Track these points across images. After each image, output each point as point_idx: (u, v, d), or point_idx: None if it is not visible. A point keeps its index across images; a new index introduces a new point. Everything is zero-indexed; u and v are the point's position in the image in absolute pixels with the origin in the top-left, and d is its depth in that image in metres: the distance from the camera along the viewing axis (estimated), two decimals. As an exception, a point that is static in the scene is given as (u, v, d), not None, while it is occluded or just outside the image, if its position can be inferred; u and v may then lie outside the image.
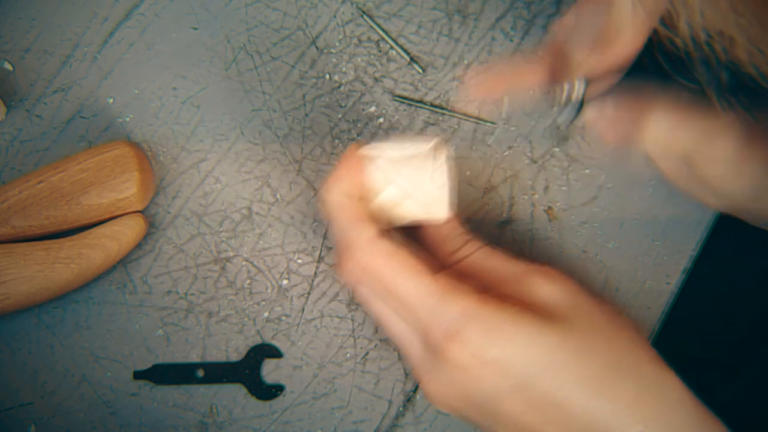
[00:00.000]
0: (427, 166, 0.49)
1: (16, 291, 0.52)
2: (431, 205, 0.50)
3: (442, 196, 0.49)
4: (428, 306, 0.45)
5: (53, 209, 0.53)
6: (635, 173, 0.57)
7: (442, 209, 0.50)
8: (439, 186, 0.49)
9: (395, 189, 0.49)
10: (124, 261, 0.56)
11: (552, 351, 0.43)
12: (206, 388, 0.55)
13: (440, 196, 0.49)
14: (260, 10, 0.59)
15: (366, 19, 0.59)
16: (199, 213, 0.57)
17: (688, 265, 0.56)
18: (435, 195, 0.49)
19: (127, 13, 0.59)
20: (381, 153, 0.50)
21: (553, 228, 0.56)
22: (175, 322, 0.55)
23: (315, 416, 0.55)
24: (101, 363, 0.55)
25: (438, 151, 0.50)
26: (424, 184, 0.49)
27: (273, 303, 0.56)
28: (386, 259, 0.46)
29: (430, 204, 0.50)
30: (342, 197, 0.48)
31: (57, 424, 0.54)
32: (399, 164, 0.49)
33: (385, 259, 0.46)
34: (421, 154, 0.49)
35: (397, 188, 0.49)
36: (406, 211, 0.50)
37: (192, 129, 0.58)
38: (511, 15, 0.59)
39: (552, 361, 0.43)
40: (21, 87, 0.58)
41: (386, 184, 0.49)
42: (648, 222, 0.56)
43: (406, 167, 0.49)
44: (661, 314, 0.55)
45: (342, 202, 0.48)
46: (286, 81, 0.58)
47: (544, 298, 0.46)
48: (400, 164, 0.49)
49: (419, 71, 0.58)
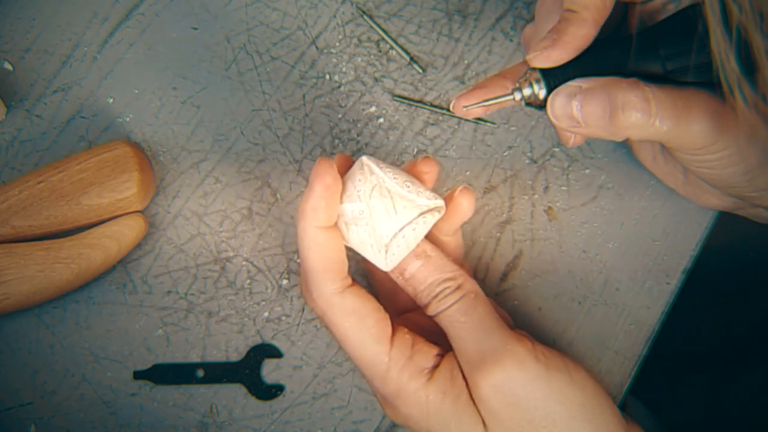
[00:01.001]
0: (413, 218, 0.46)
1: (16, 291, 0.52)
2: (380, 252, 0.46)
3: (399, 253, 0.46)
4: (374, 372, 0.47)
5: (53, 209, 0.53)
6: (635, 173, 0.57)
7: (386, 263, 0.47)
8: (406, 243, 0.46)
9: (362, 208, 0.46)
10: (124, 261, 0.56)
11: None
12: (206, 388, 0.55)
13: (397, 253, 0.46)
14: (260, 10, 0.59)
15: (366, 19, 0.59)
16: (199, 213, 0.57)
17: (688, 265, 0.56)
18: (395, 247, 0.46)
19: (127, 13, 0.59)
20: (377, 179, 0.46)
21: (553, 228, 0.56)
22: (175, 322, 0.55)
23: (315, 416, 0.55)
24: (101, 363, 0.55)
25: (431, 214, 0.47)
26: (391, 230, 0.46)
27: (273, 303, 0.56)
28: (343, 319, 0.46)
29: (379, 249, 0.46)
30: (314, 231, 0.45)
31: (57, 424, 0.54)
32: (387, 196, 0.46)
33: (343, 318, 0.46)
34: (416, 205, 0.46)
35: (365, 210, 0.46)
36: (354, 235, 0.46)
37: (192, 129, 0.58)
38: (511, 15, 0.59)
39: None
40: (21, 87, 0.58)
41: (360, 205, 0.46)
42: (648, 222, 0.56)
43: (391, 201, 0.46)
44: (661, 314, 0.55)
45: (313, 236, 0.45)
46: (286, 81, 0.58)
47: (483, 396, 0.46)
48: (388, 196, 0.46)
49: (419, 71, 0.58)
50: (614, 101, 0.43)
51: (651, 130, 0.43)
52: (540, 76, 0.45)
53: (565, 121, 0.44)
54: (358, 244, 0.47)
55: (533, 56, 0.45)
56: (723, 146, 0.44)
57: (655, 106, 0.43)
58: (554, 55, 0.44)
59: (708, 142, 0.44)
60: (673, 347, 0.55)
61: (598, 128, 0.44)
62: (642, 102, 0.43)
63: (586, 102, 0.43)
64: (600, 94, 0.43)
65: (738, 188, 0.48)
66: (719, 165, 0.46)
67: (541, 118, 0.57)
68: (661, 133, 0.44)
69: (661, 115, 0.43)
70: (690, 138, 0.44)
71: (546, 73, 0.45)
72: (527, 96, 0.45)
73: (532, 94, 0.45)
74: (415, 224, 0.46)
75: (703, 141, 0.44)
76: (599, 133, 0.44)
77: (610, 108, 0.43)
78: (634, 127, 0.43)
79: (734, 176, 0.47)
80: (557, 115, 0.45)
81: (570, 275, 0.56)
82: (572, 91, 0.44)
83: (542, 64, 0.45)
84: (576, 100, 0.44)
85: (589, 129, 0.44)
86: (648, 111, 0.43)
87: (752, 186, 0.47)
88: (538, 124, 0.57)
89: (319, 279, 0.46)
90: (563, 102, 0.44)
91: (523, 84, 0.45)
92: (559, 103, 0.44)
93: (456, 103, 0.47)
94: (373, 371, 0.47)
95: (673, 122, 0.43)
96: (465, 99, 0.47)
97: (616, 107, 0.43)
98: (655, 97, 0.43)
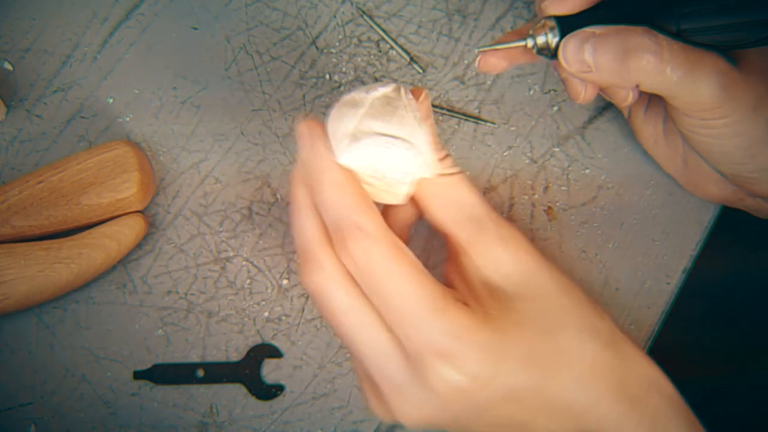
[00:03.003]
0: (401, 110, 0.42)
1: (16, 291, 0.52)
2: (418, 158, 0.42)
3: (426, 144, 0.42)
4: (424, 318, 0.40)
5: (53, 209, 0.53)
6: (635, 173, 0.57)
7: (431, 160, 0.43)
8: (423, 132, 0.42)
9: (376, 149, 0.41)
10: (124, 261, 0.56)
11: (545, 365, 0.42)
12: (206, 388, 0.55)
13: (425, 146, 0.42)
14: (260, 10, 0.59)
15: (366, 19, 0.59)
16: (199, 213, 0.57)
17: (688, 265, 0.56)
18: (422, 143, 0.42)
19: (127, 13, 0.59)
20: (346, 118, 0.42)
21: (553, 228, 0.56)
22: (175, 322, 0.55)
23: (315, 416, 0.55)
24: (101, 363, 0.55)
25: (399, 92, 0.43)
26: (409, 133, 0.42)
27: (273, 303, 0.56)
28: (387, 255, 0.40)
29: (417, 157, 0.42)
30: (333, 167, 0.41)
31: (57, 424, 0.54)
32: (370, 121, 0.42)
33: (387, 254, 0.40)
34: (386, 97, 0.42)
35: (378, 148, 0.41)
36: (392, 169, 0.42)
37: (192, 129, 0.58)
38: (511, 15, 0.59)
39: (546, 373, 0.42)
40: (21, 87, 0.58)
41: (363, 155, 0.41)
42: (648, 222, 0.56)
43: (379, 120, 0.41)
44: (661, 314, 0.55)
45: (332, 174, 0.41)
46: (286, 81, 0.58)
47: (492, 278, 0.43)
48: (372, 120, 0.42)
49: (419, 71, 0.58)
50: (627, 44, 0.43)
51: (661, 77, 0.44)
52: (555, 24, 0.45)
53: (576, 66, 0.44)
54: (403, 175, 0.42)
55: (548, 2, 0.45)
56: (729, 111, 0.45)
57: (667, 52, 0.43)
58: (569, 1, 0.45)
59: (715, 103, 0.44)
60: (673, 347, 0.55)
61: (609, 72, 0.44)
62: (655, 45, 0.43)
63: (598, 45, 0.43)
64: (613, 38, 0.43)
65: (739, 165, 0.48)
66: (723, 134, 0.46)
67: (542, 117, 0.57)
68: (671, 83, 0.44)
69: (672, 63, 0.43)
70: (698, 95, 0.44)
71: (560, 21, 0.45)
72: (540, 44, 0.45)
73: (545, 42, 0.45)
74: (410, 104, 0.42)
75: (711, 101, 0.44)
76: (611, 78, 0.44)
77: (622, 50, 0.43)
78: (645, 72, 0.43)
79: (737, 149, 0.47)
80: (569, 59, 0.44)
81: (570, 275, 0.55)
82: (585, 36, 0.44)
83: (556, 10, 0.45)
84: (589, 44, 0.44)
85: (600, 74, 0.44)
86: (660, 55, 0.43)
87: (754, 163, 0.47)
88: (538, 124, 0.57)
89: (355, 218, 0.40)
90: (576, 46, 0.44)
91: (538, 31, 0.46)
92: (571, 47, 0.44)
93: (479, 59, 0.48)
94: (422, 314, 0.40)
95: (684, 71, 0.43)
96: (483, 51, 0.47)
97: (629, 49, 0.43)
98: (668, 44, 0.43)
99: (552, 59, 0.46)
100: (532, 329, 0.42)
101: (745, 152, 0.47)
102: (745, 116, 0.45)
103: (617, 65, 0.44)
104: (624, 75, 0.44)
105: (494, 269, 0.44)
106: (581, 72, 0.45)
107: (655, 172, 0.56)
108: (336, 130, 0.42)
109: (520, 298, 0.43)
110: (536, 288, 0.44)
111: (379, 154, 0.41)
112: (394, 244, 0.40)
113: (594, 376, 0.43)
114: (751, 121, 0.45)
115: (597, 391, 0.43)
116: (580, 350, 0.43)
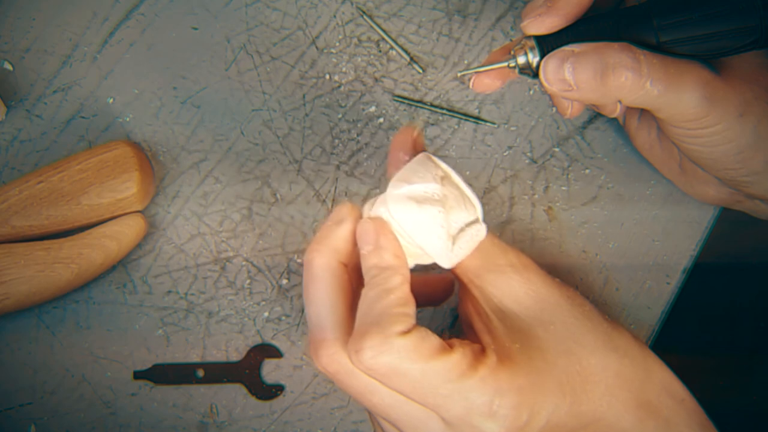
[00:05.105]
0: (479, 218, 0.44)
1: (16, 291, 0.52)
2: (446, 242, 0.43)
3: (465, 248, 0.44)
4: (449, 389, 0.41)
5: (53, 209, 0.53)
6: (635, 173, 0.57)
7: (450, 256, 0.44)
8: (471, 240, 0.44)
9: (436, 190, 0.43)
10: (124, 261, 0.56)
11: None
12: (206, 388, 0.55)
13: (464, 248, 0.44)
14: (260, 10, 0.59)
15: (366, 19, 0.59)
16: (199, 213, 0.57)
17: (688, 265, 0.56)
18: (463, 241, 0.44)
19: (127, 13, 0.59)
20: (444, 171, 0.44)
21: (553, 228, 0.56)
22: (175, 322, 0.55)
23: (315, 416, 0.55)
24: (101, 363, 0.55)
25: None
26: (463, 221, 0.44)
27: (273, 303, 0.56)
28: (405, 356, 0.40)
29: (447, 238, 0.43)
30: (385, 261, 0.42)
31: (57, 424, 0.54)
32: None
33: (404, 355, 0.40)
34: (479, 207, 0.44)
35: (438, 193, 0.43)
36: (420, 216, 0.43)
37: (192, 129, 0.58)
38: (511, 15, 0.59)
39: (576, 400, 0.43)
40: (21, 87, 0.58)
41: None
42: (648, 222, 0.56)
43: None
44: (661, 314, 0.55)
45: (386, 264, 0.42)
46: (286, 81, 0.58)
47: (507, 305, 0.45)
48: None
49: (419, 71, 0.58)
50: (605, 61, 0.43)
51: (642, 92, 0.44)
52: (534, 44, 0.45)
53: (557, 85, 0.45)
54: (420, 229, 0.43)
55: (527, 23, 0.45)
56: (715, 120, 0.45)
57: (646, 67, 0.43)
58: (548, 21, 0.45)
59: (700, 113, 0.44)
60: (673, 347, 0.55)
61: (589, 90, 0.44)
62: (633, 62, 0.43)
63: (578, 64, 0.44)
64: (592, 56, 0.43)
65: (732, 171, 0.48)
66: (711, 142, 0.46)
67: (542, 117, 0.57)
68: (653, 97, 0.44)
69: (652, 77, 0.43)
70: (681, 107, 0.44)
71: (540, 41, 0.45)
72: (521, 64, 0.46)
73: (526, 62, 0.45)
74: (480, 225, 0.44)
75: (695, 111, 0.44)
76: (591, 96, 0.44)
77: (601, 68, 0.43)
78: (625, 88, 0.43)
79: (727, 156, 0.47)
80: (549, 79, 0.45)
81: (570, 275, 0.56)
82: (565, 55, 0.44)
83: (536, 30, 0.45)
84: (568, 63, 0.44)
85: (582, 92, 0.44)
86: (639, 71, 0.43)
87: (746, 168, 0.48)
88: (538, 124, 0.57)
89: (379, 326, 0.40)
90: (556, 65, 0.44)
91: (518, 52, 0.46)
92: (551, 66, 0.44)
93: (473, 80, 0.48)
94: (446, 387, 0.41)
95: (665, 85, 0.43)
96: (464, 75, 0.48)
97: (607, 67, 0.43)
98: (646, 59, 0.43)
99: (534, 78, 0.46)
100: (556, 353, 0.43)
101: (735, 158, 0.47)
102: (732, 123, 0.45)
103: (597, 83, 0.44)
104: (604, 92, 0.44)
105: (507, 296, 0.45)
106: (563, 90, 0.45)
107: (655, 172, 0.56)
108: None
109: (537, 322, 0.44)
110: (551, 310, 0.45)
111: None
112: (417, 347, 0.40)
113: (618, 386, 0.44)
114: (738, 128, 0.45)
115: (623, 401, 0.44)
116: (602, 365, 0.44)
